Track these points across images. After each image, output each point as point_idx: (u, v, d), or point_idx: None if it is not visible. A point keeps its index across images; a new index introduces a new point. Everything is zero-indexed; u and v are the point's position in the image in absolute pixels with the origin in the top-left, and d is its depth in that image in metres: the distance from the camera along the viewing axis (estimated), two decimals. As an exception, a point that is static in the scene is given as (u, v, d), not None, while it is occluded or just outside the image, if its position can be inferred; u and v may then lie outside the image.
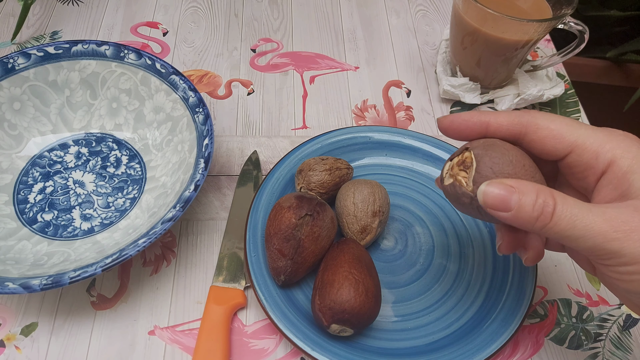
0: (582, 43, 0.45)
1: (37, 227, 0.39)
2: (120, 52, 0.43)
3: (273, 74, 0.52)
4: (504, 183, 0.25)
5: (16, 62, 0.42)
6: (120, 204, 0.41)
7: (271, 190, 0.40)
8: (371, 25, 0.58)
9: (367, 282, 0.32)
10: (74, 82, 0.44)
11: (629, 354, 0.37)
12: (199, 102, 0.41)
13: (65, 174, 0.42)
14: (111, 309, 0.37)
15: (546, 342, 0.37)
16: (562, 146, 0.27)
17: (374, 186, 0.38)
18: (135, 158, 0.43)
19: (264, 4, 0.59)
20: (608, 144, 0.26)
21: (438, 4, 0.61)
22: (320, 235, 0.35)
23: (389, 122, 0.49)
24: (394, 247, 0.40)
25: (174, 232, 0.41)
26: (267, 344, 0.36)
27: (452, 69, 0.51)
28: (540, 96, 0.49)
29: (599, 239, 0.23)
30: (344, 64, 0.54)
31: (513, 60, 0.47)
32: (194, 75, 0.52)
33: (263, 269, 0.36)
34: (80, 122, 0.44)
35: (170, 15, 0.57)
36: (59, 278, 0.32)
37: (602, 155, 0.26)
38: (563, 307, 0.39)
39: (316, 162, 0.39)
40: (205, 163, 0.37)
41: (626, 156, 0.25)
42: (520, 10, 0.45)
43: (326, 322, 0.32)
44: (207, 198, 0.43)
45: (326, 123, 0.49)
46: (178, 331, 0.36)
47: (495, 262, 0.39)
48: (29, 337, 0.35)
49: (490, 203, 0.25)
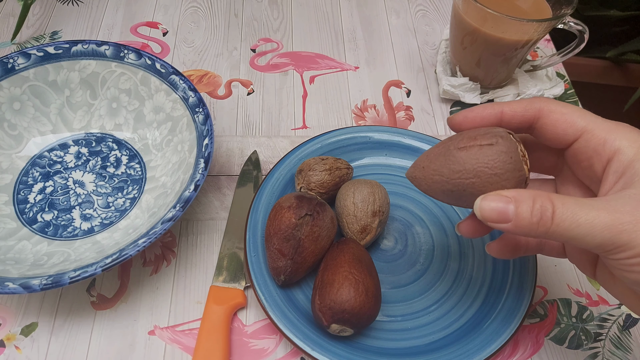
0: (582, 43, 0.45)
1: (37, 227, 0.39)
2: (120, 52, 0.43)
3: (273, 74, 0.52)
4: (500, 194, 0.25)
5: (16, 62, 0.42)
6: (120, 204, 0.41)
7: (271, 190, 0.40)
8: (371, 25, 0.58)
9: (367, 282, 0.32)
10: (74, 82, 0.44)
11: (628, 354, 0.37)
12: (199, 102, 0.41)
13: (65, 174, 0.42)
14: (111, 309, 0.37)
15: (546, 341, 0.37)
16: (572, 130, 0.27)
17: (374, 186, 0.38)
18: (135, 158, 0.43)
19: (264, 4, 0.59)
20: (615, 132, 0.26)
21: (438, 4, 0.61)
22: (320, 235, 0.35)
23: (389, 122, 0.49)
24: (394, 247, 0.40)
25: (174, 232, 0.41)
26: (267, 344, 0.36)
27: (452, 68, 0.51)
28: (540, 96, 0.49)
29: (606, 233, 0.23)
30: (344, 64, 0.54)
31: (513, 60, 0.47)
32: (194, 75, 0.52)
33: (263, 269, 0.36)
34: (80, 122, 0.44)
35: (170, 15, 0.57)
36: (59, 278, 0.32)
37: (610, 143, 0.26)
38: (563, 307, 0.39)
39: (316, 162, 0.39)
40: (205, 163, 0.37)
41: (633, 145, 0.25)
42: (520, 10, 0.45)
43: (326, 322, 0.32)
44: (207, 198, 0.43)
45: (326, 123, 0.49)
46: (178, 331, 0.36)
47: (495, 262, 0.39)
48: (29, 337, 0.35)
49: (488, 217, 0.25)
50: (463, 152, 0.26)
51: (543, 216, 0.24)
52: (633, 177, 0.25)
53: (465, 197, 0.27)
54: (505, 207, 0.25)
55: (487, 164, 0.26)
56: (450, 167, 0.27)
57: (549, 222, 0.24)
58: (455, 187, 0.27)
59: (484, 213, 0.25)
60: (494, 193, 0.26)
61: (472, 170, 0.26)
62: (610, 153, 0.26)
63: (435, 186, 0.28)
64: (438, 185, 0.27)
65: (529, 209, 0.24)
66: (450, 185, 0.27)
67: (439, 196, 0.28)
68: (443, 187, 0.27)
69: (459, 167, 0.26)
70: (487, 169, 0.26)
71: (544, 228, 0.24)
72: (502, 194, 0.25)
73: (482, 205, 0.25)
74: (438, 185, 0.27)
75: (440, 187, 0.27)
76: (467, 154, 0.26)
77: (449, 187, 0.27)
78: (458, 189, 0.27)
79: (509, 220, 0.25)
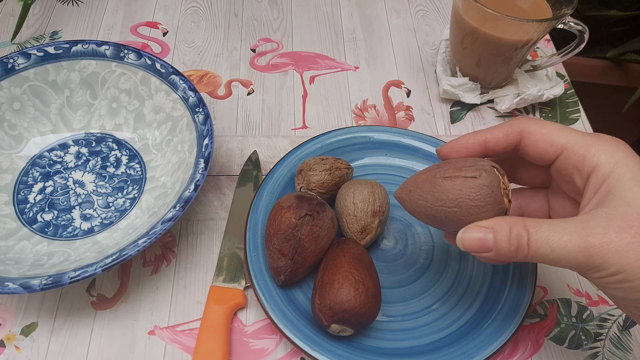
0: (582, 43, 0.45)
1: (37, 227, 0.39)
2: (120, 52, 0.43)
3: (273, 74, 0.52)
4: (478, 225, 0.26)
5: (16, 62, 0.42)
6: (120, 204, 0.41)
7: (271, 190, 0.40)
8: (371, 25, 0.58)
9: (367, 282, 0.32)
10: (73, 82, 0.44)
11: (628, 354, 0.37)
12: (199, 102, 0.41)
13: (65, 174, 0.42)
14: (111, 309, 0.37)
15: (546, 341, 0.37)
16: (552, 149, 0.28)
17: (374, 186, 0.38)
18: (135, 158, 0.43)
19: (264, 4, 0.59)
20: (594, 147, 0.26)
21: (438, 4, 0.61)
22: (320, 235, 0.35)
23: (389, 122, 0.49)
24: (394, 247, 0.40)
25: (174, 232, 0.41)
26: (267, 344, 0.36)
27: (452, 68, 0.51)
28: (540, 96, 0.49)
29: (580, 256, 0.24)
30: (344, 64, 0.54)
31: (513, 60, 0.47)
32: (194, 75, 0.52)
33: (263, 269, 0.36)
34: (80, 122, 0.44)
35: (170, 15, 0.57)
36: (59, 278, 0.32)
37: (589, 159, 0.26)
38: (563, 306, 0.39)
39: (316, 162, 0.39)
40: (205, 163, 0.37)
41: (609, 161, 0.25)
42: (520, 10, 0.45)
43: (326, 322, 0.32)
44: (207, 198, 0.43)
45: (326, 123, 0.49)
46: (178, 331, 0.36)
47: (495, 262, 0.39)
48: (29, 337, 0.35)
49: (470, 247, 0.26)
50: (447, 182, 0.28)
51: (519, 244, 0.25)
52: (607, 195, 0.25)
53: (447, 223, 0.28)
54: (484, 237, 0.26)
55: (468, 195, 0.27)
56: (434, 194, 0.28)
57: (526, 249, 0.25)
58: (437, 214, 0.28)
59: (465, 244, 0.27)
60: (473, 225, 0.27)
61: (454, 199, 0.27)
62: (589, 169, 0.26)
63: (419, 210, 0.29)
64: (422, 209, 0.29)
65: (506, 237, 0.25)
66: (433, 211, 0.28)
67: (423, 219, 0.30)
68: (427, 212, 0.29)
69: (443, 196, 0.28)
70: (468, 200, 0.27)
71: (522, 255, 0.25)
72: (480, 225, 0.26)
73: (463, 237, 0.27)
74: (422, 209, 0.29)
75: (424, 212, 0.29)
76: (451, 184, 0.27)
77: (432, 212, 0.28)
78: (440, 216, 0.28)
79: (490, 249, 0.26)
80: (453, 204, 0.27)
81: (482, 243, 0.26)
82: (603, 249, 0.23)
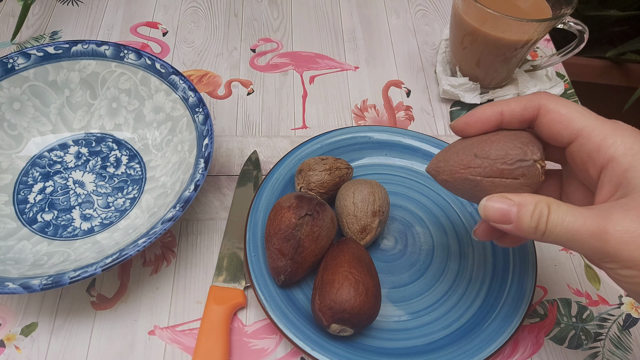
0: (582, 43, 0.45)
1: (37, 227, 0.39)
2: (120, 52, 0.43)
3: (273, 74, 0.52)
4: (505, 196, 0.26)
5: (16, 62, 0.42)
6: (120, 204, 0.41)
7: (271, 190, 0.40)
8: (371, 25, 0.58)
9: (367, 282, 0.32)
10: (73, 82, 0.44)
11: (628, 354, 0.37)
12: (199, 102, 0.41)
13: (65, 174, 0.42)
14: (111, 309, 0.37)
15: (546, 341, 0.37)
16: (567, 132, 0.26)
17: (374, 186, 0.38)
18: (135, 158, 0.43)
19: (264, 4, 0.59)
20: (611, 137, 0.25)
21: (438, 4, 0.61)
22: (320, 235, 0.35)
23: (389, 122, 0.49)
24: (394, 247, 0.40)
25: (174, 232, 0.41)
26: (267, 344, 0.36)
27: (452, 68, 0.51)
28: (543, 91, 0.49)
29: (593, 241, 0.23)
30: (344, 64, 0.54)
31: (513, 60, 0.47)
32: (194, 75, 0.52)
33: (263, 268, 0.36)
34: (80, 122, 0.44)
35: (170, 15, 0.57)
36: (59, 278, 0.32)
37: (604, 150, 0.25)
38: (563, 306, 0.39)
39: (316, 162, 0.39)
40: (205, 163, 0.37)
41: (628, 153, 0.25)
42: (520, 10, 0.45)
43: (326, 322, 0.32)
44: (207, 198, 0.43)
45: (326, 123, 0.49)
46: (178, 331, 0.36)
47: (495, 262, 0.39)
48: (29, 337, 0.35)
49: (491, 217, 0.26)
50: (488, 183, 0.28)
51: (540, 220, 0.25)
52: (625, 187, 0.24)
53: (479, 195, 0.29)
54: (508, 209, 0.25)
55: (508, 190, 0.27)
56: (473, 192, 0.28)
57: (544, 227, 0.25)
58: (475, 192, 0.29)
59: (487, 212, 0.26)
60: (499, 195, 0.26)
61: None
62: (603, 161, 0.25)
63: (456, 184, 0.29)
64: (460, 183, 0.29)
65: (530, 213, 0.25)
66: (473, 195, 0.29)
67: (457, 191, 0.30)
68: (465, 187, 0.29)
69: (482, 195, 0.28)
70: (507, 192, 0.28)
71: (540, 232, 0.25)
72: (507, 197, 0.26)
73: (486, 204, 0.26)
74: (460, 183, 0.29)
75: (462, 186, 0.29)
76: (492, 186, 0.28)
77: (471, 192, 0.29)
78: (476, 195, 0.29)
79: (511, 222, 0.25)
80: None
81: (504, 214, 0.26)
82: (617, 237, 0.23)
